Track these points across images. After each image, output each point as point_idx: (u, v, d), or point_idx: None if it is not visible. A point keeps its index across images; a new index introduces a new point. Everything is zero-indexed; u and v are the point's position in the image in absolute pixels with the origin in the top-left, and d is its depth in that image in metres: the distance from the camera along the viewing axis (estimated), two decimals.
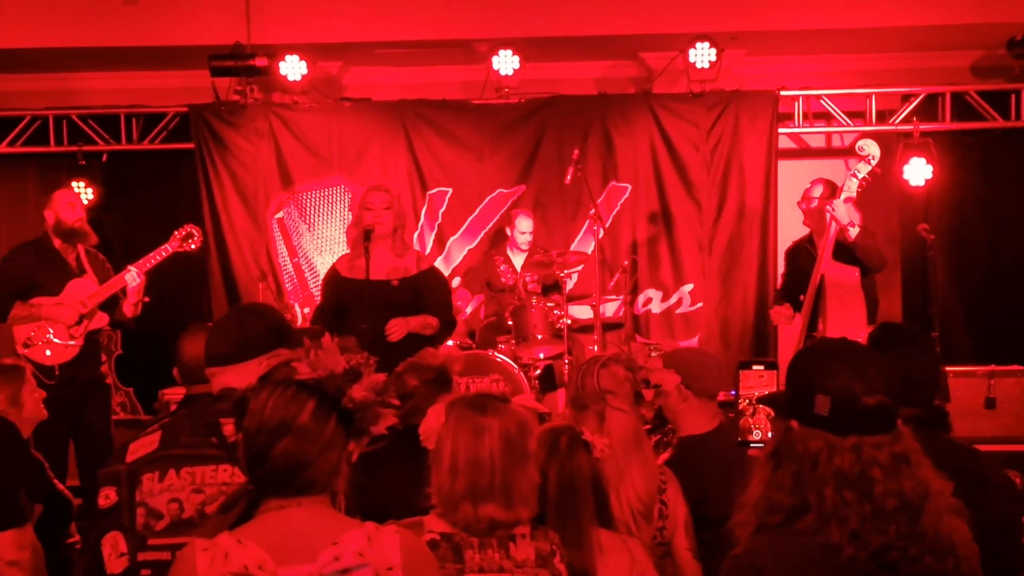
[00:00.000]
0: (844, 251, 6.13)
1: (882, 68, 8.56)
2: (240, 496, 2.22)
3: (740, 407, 2.56)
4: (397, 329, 5.51)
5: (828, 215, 6.08)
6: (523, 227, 7.65)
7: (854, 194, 6.07)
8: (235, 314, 3.10)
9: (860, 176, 6.03)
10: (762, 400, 2.46)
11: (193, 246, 6.70)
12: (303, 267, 8.39)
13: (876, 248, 6.27)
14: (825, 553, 2.08)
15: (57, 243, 6.38)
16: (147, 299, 6.48)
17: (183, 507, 2.79)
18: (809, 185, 6.54)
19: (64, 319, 6.26)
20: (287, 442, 2.13)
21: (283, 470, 2.14)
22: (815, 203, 6.36)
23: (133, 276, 6.33)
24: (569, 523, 2.79)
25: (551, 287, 7.69)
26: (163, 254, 6.52)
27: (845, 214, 6.06)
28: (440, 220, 8.40)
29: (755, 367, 2.59)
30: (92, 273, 6.44)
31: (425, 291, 5.73)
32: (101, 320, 6.44)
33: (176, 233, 6.62)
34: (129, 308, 6.41)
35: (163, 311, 7.55)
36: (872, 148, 6.08)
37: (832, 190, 6.32)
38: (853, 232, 6.04)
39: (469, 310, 7.97)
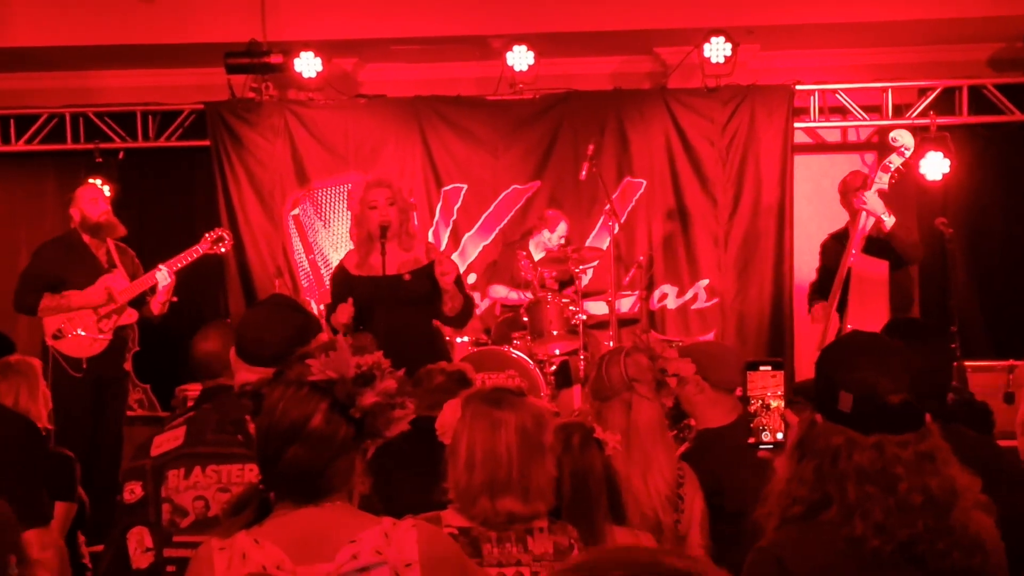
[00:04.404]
0: (875, 244, 6.08)
1: (898, 62, 8.50)
2: (251, 497, 2.16)
3: (751, 408, 2.54)
4: (450, 268, 5.47)
5: (860, 207, 6.02)
6: (562, 231, 7.71)
7: (886, 186, 5.99)
8: (276, 311, 2.98)
9: (893, 167, 5.95)
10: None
11: (223, 249, 6.75)
12: (319, 264, 8.39)
13: (912, 241, 6.23)
14: (850, 545, 2.06)
15: (86, 239, 6.43)
16: (175, 299, 6.51)
17: (209, 505, 2.77)
18: (848, 175, 6.53)
19: (92, 302, 6.27)
20: (297, 448, 2.07)
21: (295, 476, 2.09)
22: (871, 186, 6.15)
23: (164, 275, 6.38)
24: (582, 521, 2.78)
25: (566, 283, 7.68)
26: (194, 255, 6.56)
27: (879, 205, 6.00)
28: (455, 216, 8.39)
29: (762, 367, 2.56)
30: (122, 268, 6.49)
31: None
32: (130, 316, 6.47)
33: (207, 235, 6.65)
34: (157, 306, 6.44)
35: (180, 308, 7.51)
36: (906, 139, 5.99)
37: (864, 181, 6.28)
38: (889, 222, 6.00)
39: (485, 305, 7.96)
